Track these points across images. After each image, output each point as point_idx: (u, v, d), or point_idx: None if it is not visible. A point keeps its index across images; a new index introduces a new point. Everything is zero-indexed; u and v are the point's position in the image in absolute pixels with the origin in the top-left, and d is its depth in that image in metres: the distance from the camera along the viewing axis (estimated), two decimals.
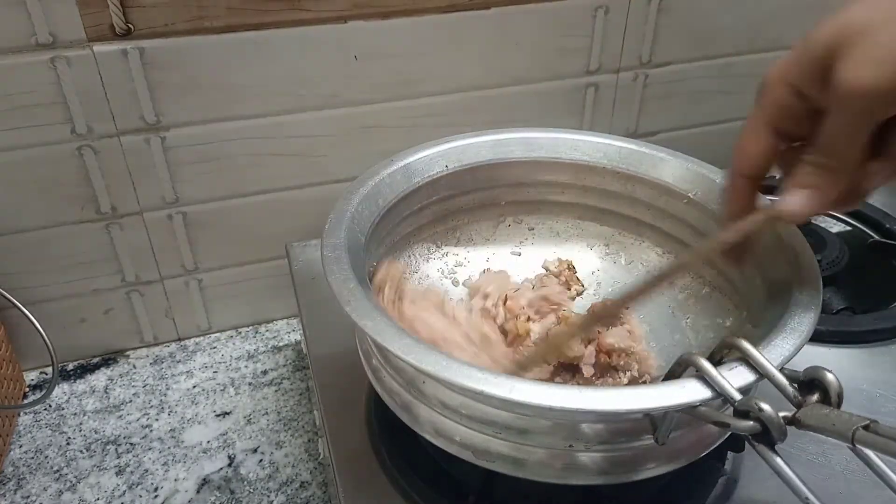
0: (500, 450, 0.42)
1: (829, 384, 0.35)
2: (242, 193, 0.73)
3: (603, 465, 0.42)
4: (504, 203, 0.64)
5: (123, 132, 0.66)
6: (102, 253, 0.72)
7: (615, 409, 0.37)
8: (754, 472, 0.51)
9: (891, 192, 0.82)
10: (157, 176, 0.69)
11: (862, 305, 0.66)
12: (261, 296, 0.81)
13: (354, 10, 0.67)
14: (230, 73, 0.66)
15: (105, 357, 0.78)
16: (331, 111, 0.71)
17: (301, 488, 0.64)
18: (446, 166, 0.60)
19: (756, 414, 0.35)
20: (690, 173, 0.59)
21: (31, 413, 0.71)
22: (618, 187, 0.62)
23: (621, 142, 0.62)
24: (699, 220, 0.58)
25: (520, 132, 0.62)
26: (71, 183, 0.67)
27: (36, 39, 0.60)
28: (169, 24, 0.63)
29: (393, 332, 0.41)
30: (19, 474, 0.65)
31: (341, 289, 0.44)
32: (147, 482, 0.64)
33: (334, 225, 0.50)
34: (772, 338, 0.41)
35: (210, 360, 0.78)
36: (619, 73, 0.80)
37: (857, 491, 0.50)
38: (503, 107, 0.78)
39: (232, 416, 0.71)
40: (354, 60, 0.70)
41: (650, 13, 0.77)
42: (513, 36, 0.74)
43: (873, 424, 0.31)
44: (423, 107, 0.74)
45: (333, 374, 0.59)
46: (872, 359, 0.61)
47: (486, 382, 0.37)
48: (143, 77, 0.64)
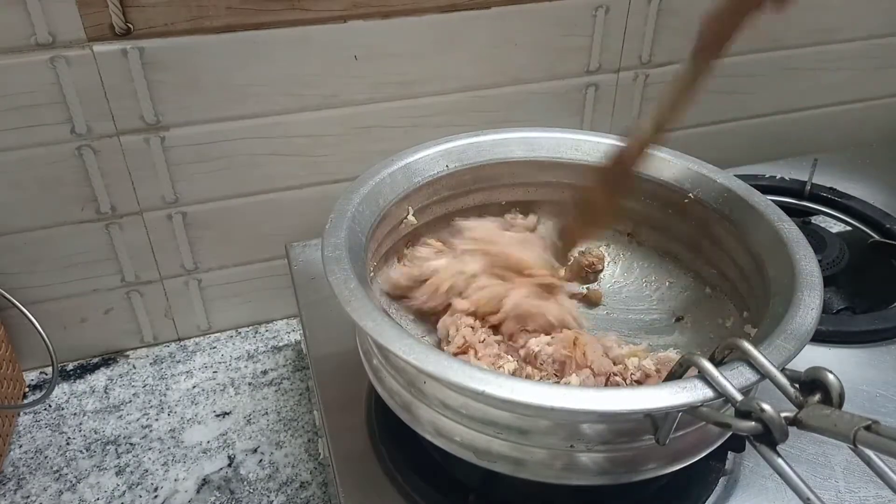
0: (502, 450, 0.42)
1: (830, 385, 0.35)
2: (242, 193, 0.73)
3: (604, 466, 0.42)
4: (504, 203, 0.64)
5: (123, 132, 0.66)
6: (102, 253, 0.72)
7: (616, 409, 0.37)
8: (754, 472, 0.51)
9: (891, 192, 0.82)
10: (157, 176, 0.69)
11: (862, 305, 0.66)
12: (261, 296, 0.81)
13: (354, 10, 0.67)
14: (230, 73, 0.66)
15: (105, 357, 0.78)
16: (331, 111, 0.71)
17: (301, 488, 0.64)
18: (446, 166, 0.60)
19: (758, 414, 0.35)
20: (691, 173, 0.59)
21: (30, 413, 0.71)
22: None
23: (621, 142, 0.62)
24: (699, 219, 0.58)
25: (521, 131, 0.63)
26: (71, 183, 0.67)
27: (36, 39, 0.60)
28: (169, 24, 0.63)
29: (394, 332, 0.41)
30: (19, 474, 0.65)
31: (342, 289, 0.44)
32: (147, 482, 0.64)
33: (335, 225, 0.50)
34: (773, 338, 0.41)
35: (210, 360, 0.78)
36: (619, 72, 0.80)
37: (857, 491, 0.50)
38: (503, 107, 0.78)
39: (232, 416, 0.71)
40: (354, 60, 0.70)
41: (650, 13, 0.77)
42: (513, 36, 0.74)
43: (874, 425, 0.31)
44: (423, 107, 0.74)
45: (333, 374, 0.59)
46: (872, 359, 0.61)
47: (487, 383, 0.37)
48: (142, 77, 0.64)
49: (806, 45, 0.87)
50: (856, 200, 0.78)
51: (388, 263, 0.59)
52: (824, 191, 0.79)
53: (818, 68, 0.89)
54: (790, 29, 0.84)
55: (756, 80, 0.86)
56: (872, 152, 0.91)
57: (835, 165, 0.85)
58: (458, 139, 0.61)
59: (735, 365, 0.39)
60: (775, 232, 0.51)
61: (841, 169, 0.85)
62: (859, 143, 0.95)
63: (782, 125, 0.92)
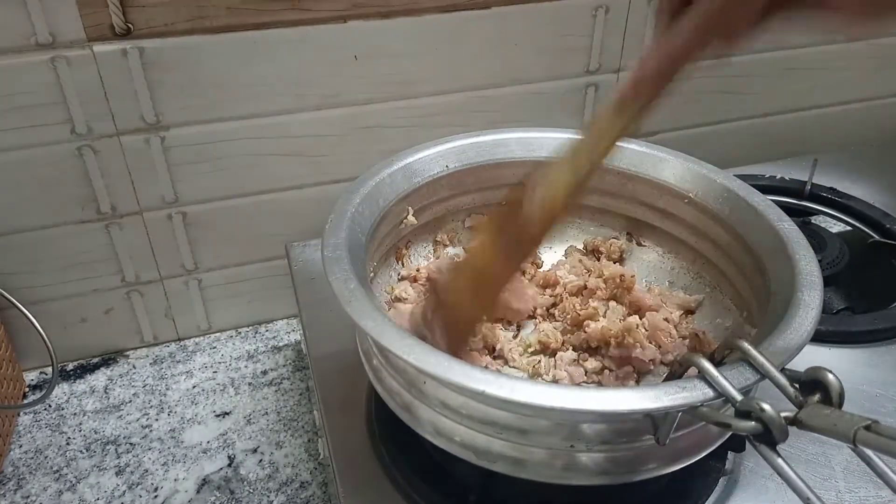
0: (502, 450, 0.42)
1: (830, 384, 0.35)
2: (242, 193, 0.73)
3: (604, 466, 0.42)
4: (504, 203, 0.64)
5: (123, 132, 0.66)
6: (102, 253, 0.72)
7: (617, 409, 0.37)
8: (754, 472, 0.51)
9: (891, 193, 0.82)
10: (157, 176, 0.69)
11: (862, 305, 0.66)
12: (261, 296, 0.81)
13: (354, 9, 0.67)
14: (230, 73, 0.66)
15: (105, 357, 0.78)
16: (331, 111, 0.71)
17: (301, 488, 0.64)
18: (446, 166, 0.60)
19: (758, 414, 0.35)
20: (690, 173, 0.59)
21: (30, 413, 0.71)
22: (618, 187, 0.62)
23: (621, 142, 0.61)
24: (699, 219, 0.58)
25: (521, 132, 0.63)
26: (71, 183, 0.67)
27: (36, 39, 0.60)
28: (169, 24, 0.63)
29: (394, 333, 0.41)
30: (19, 474, 0.65)
31: (342, 289, 0.44)
32: (147, 482, 0.64)
33: (335, 225, 0.50)
34: (773, 338, 0.41)
35: (210, 360, 0.78)
36: (620, 73, 0.80)
37: (856, 491, 0.50)
38: (503, 107, 0.78)
39: (232, 416, 0.71)
40: (354, 60, 0.70)
41: (650, 13, 0.77)
42: (513, 36, 0.74)
43: (874, 425, 0.31)
44: (423, 107, 0.74)
45: (333, 374, 0.59)
46: (872, 359, 0.61)
47: (487, 383, 0.37)
48: (142, 77, 0.64)
49: (806, 45, 0.87)
50: (856, 200, 0.78)
51: (387, 263, 0.59)
52: (824, 191, 0.79)
53: (818, 68, 0.89)
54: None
55: (756, 80, 0.86)
56: (872, 152, 0.91)
57: (835, 165, 0.85)
58: (457, 139, 0.61)
59: (735, 365, 0.39)
60: (775, 232, 0.51)
61: (841, 169, 0.85)
62: (859, 143, 0.95)
63: (782, 125, 0.92)
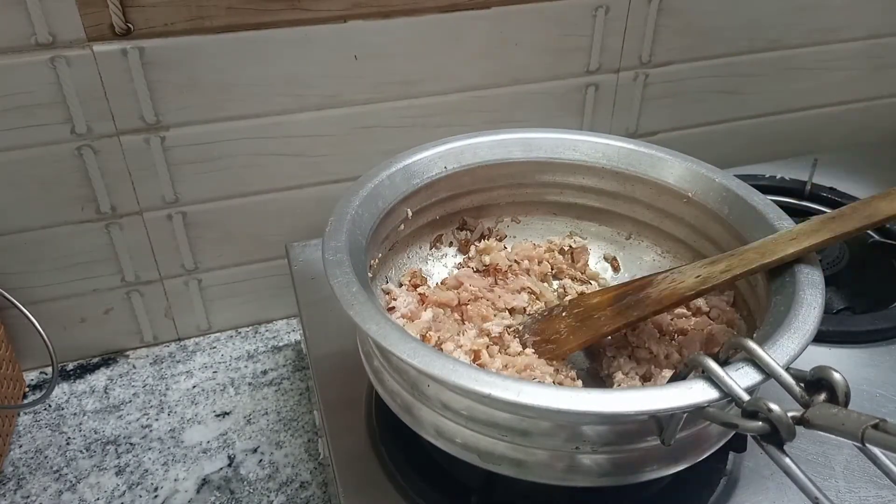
0: (506, 452, 0.42)
1: (836, 383, 0.35)
2: (242, 193, 0.73)
3: (607, 467, 0.42)
4: (503, 203, 0.64)
5: (123, 132, 0.66)
6: (102, 253, 0.71)
7: (623, 410, 0.37)
8: (755, 473, 0.51)
9: None
10: (157, 176, 0.69)
11: (862, 305, 0.66)
12: (261, 296, 0.80)
13: (354, 9, 0.67)
14: (230, 73, 0.66)
15: (105, 357, 0.78)
16: (331, 111, 0.71)
17: (301, 488, 0.64)
18: (445, 167, 0.60)
19: (765, 414, 0.34)
20: (690, 173, 0.59)
21: (30, 413, 0.71)
22: (617, 187, 0.62)
23: (621, 142, 0.62)
24: (699, 219, 0.58)
25: (519, 132, 0.63)
26: (71, 183, 0.67)
27: (36, 39, 0.60)
28: (168, 24, 0.62)
29: (397, 335, 0.41)
30: (19, 474, 0.65)
31: (344, 292, 0.44)
32: (147, 482, 0.64)
33: (335, 228, 0.50)
34: (776, 337, 0.41)
35: (210, 360, 0.77)
36: (619, 72, 0.80)
37: (857, 491, 0.50)
38: (503, 107, 0.78)
39: (232, 416, 0.71)
40: (354, 60, 0.69)
41: (650, 13, 0.77)
42: (512, 36, 0.74)
43: (882, 423, 0.31)
44: (423, 107, 0.74)
45: (333, 375, 0.59)
46: (872, 359, 0.61)
47: (493, 386, 0.37)
48: (142, 77, 0.64)
49: (806, 45, 0.87)
50: (856, 200, 0.78)
51: (387, 265, 0.59)
52: (824, 191, 0.79)
53: (818, 68, 0.89)
54: (790, 29, 0.84)
55: (756, 80, 0.86)
56: (872, 152, 0.91)
57: (835, 165, 0.85)
58: (456, 140, 0.61)
59: (740, 365, 0.39)
60: (775, 232, 0.51)
61: (841, 169, 0.85)
62: (859, 143, 0.95)
63: (782, 125, 0.92)
